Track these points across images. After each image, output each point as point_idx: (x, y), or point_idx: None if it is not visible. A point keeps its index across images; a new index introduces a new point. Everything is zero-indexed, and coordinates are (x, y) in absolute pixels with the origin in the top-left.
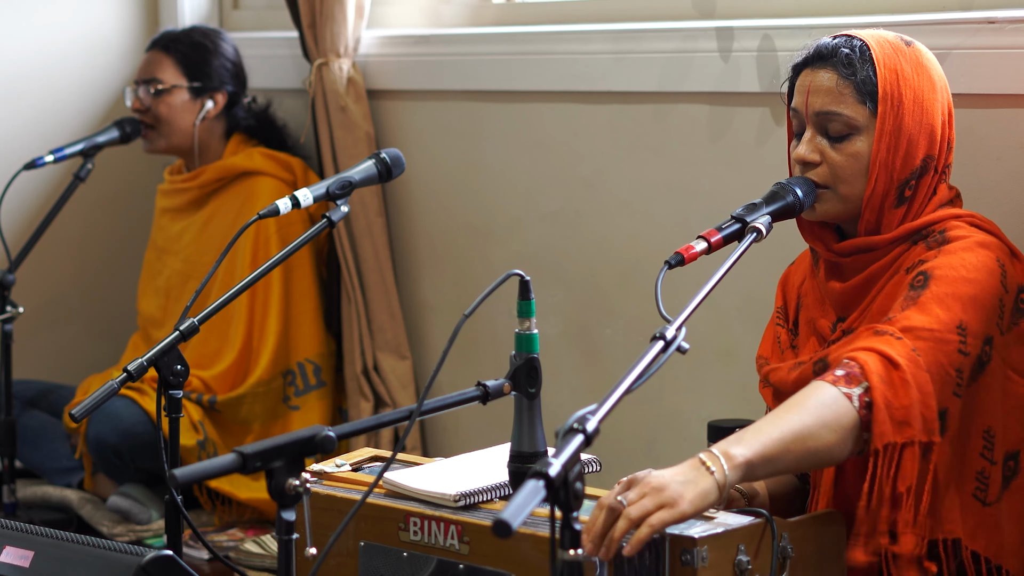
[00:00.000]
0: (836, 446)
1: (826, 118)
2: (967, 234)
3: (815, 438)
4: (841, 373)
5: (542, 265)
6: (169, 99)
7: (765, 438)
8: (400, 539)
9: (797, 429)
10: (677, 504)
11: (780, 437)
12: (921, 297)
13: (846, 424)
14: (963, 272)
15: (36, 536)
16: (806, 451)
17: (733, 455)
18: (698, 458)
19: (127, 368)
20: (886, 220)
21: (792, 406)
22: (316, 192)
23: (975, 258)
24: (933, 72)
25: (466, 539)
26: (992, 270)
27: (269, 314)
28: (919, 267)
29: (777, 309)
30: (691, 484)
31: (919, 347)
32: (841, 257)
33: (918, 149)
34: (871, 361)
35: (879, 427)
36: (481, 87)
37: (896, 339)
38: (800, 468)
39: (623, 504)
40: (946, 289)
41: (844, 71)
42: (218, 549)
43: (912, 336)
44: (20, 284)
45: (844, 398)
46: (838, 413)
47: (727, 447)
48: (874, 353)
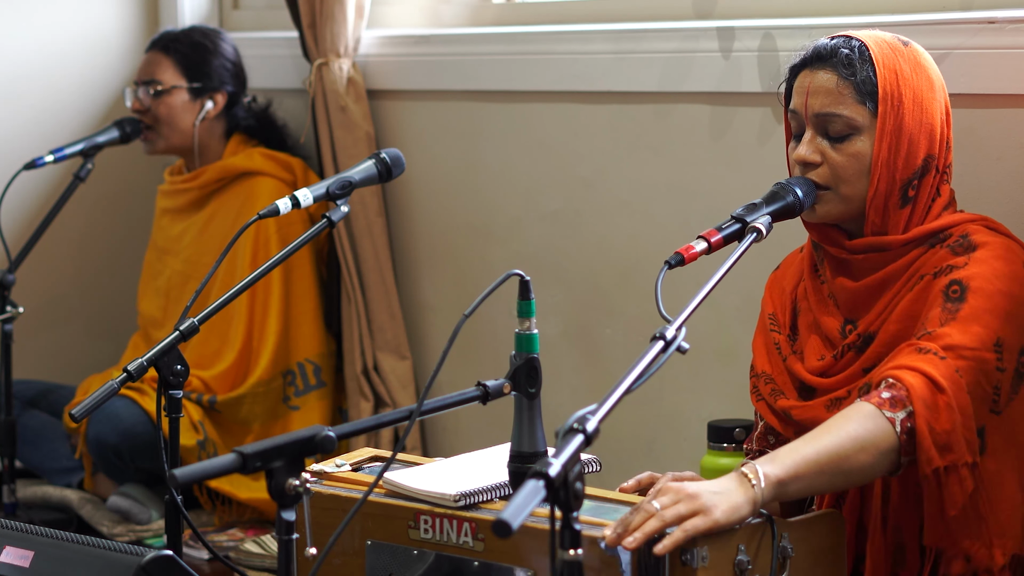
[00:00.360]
0: (871, 468)
1: (826, 119)
2: (992, 239)
3: (850, 460)
4: (887, 396)
5: (542, 265)
6: (169, 100)
7: (799, 458)
8: (410, 537)
9: (834, 451)
10: (711, 512)
11: (815, 458)
12: (961, 311)
13: (884, 448)
14: (998, 284)
15: (36, 536)
16: (839, 472)
17: (766, 473)
18: (740, 472)
19: (127, 368)
20: (892, 221)
21: (832, 427)
22: (316, 192)
23: (1006, 267)
24: (931, 71)
25: (480, 536)
26: (1020, 279)
27: (269, 314)
28: (951, 274)
29: (768, 316)
30: (725, 496)
31: (961, 367)
32: (853, 255)
33: (919, 148)
34: (917, 384)
35: (925, 453)
36: (481, 87)
37: (940, 359)
38: (833, 489)
39: (657, 508)
40: (984, 304)
41: (844, 71)
42: (218, 549)
43: (955, 355)
44: (20, 284)
45: (887, 422)
46: (877, 436)
47: (759, 466)
48: (919, 375)
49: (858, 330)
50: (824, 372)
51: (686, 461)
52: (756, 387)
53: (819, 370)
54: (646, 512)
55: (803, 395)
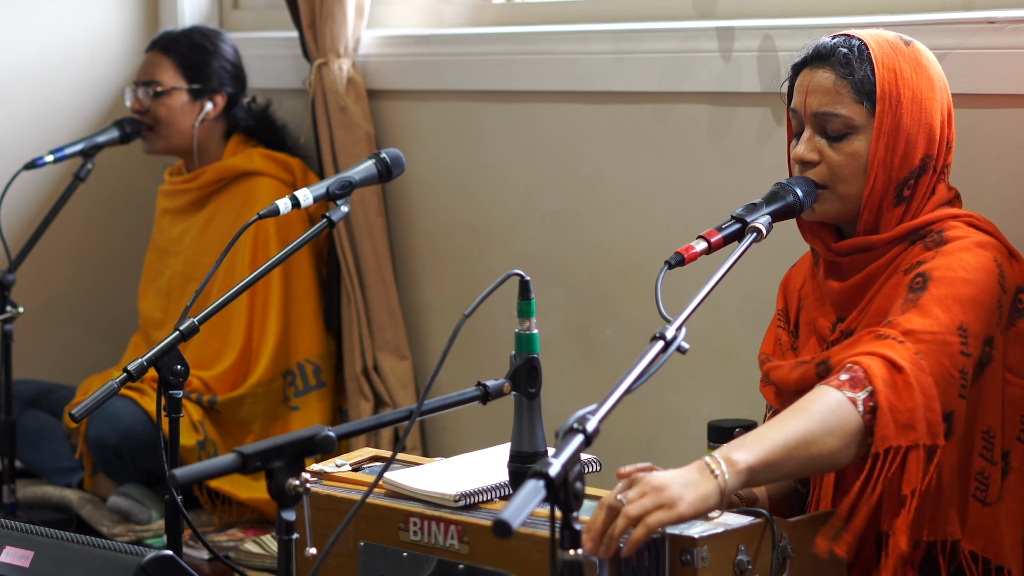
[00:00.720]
0: (840, 451)
1: (824, 118)
2: (964, 234)
3: (818, 444)
4: (845, 377)
5: (542, 265)
6: (168, 101)
7: (768, 443)
8: (400, 539)
9: (801, 435)
10: (676, 505)
11: (783, 443)
12: (921, 299)
13: (850, 430)
14: (961, 273)
15: (36, 536)
16: (809, 457)
17: (735, 460)
18: (703, 461)
19: (127, 368)
20: (884, 220)
21: (796, 411)
22: (316, 192)
23: (973, 258)
24: (932, 71)
25: (466, 539)
26: (990, 270)
27: (269, 315)
28: (917, 268)
29: (778, 311)
30: (692, 486)
31: (921, 350)
32: (840, 256)
33: (916, 149)
34: (875, 365)
35: (881, 431)
36: (481, 87)
37: (899, 343)
38: (803, 473)
39: (622, 503)
40: (945, 291)
41: (842, 71)
42: (218, 549)
43: (914, 339)
44: (20, 284)
45: (849, 403)
46: (842, 418)
47: (729, 452)
48: (877, 357)
49: (841, 327)
50: None
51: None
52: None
53: None
54: (611, 509)
55: None
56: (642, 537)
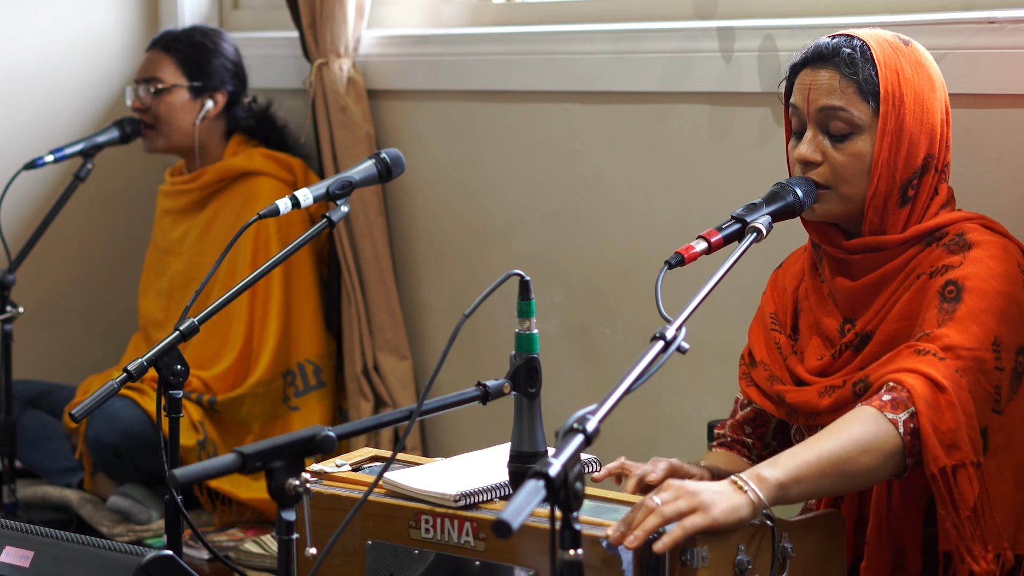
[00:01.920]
0: (874, 471)
1: (829, 113)
2: (988, 238)
3: (852, 463)
4: (887, 398)
5: (542, 265)
6: (169, 99)
7: (800, 461)
8: (411, 537)
9: (836, 454)
10: (710, 510)
11: (817, 462)
12: (957, 311)
13: (888, 450)
14: (993, 284)
15: (36, 536)
16: (842, 475)
17: (764, 476)
18: (731, 479)
19: (127, 368)
20: (891, 220)
21: (834, 431)
22: (316, 192)
23: (1001, 267)
24: (932, 71)
25: (482, 536)
26: (1016, 278)
27: (269, 315)
28: (946, 274)
29: (769, 314)
30: (723, 496)
31: (960, 367)
32: (851, 255)
33: (919, 148)
34: (918, 385)
35: (931, 452)
36: (481, 87)
37: (939, 360)
38: (836, 491)
39: (658, 503)
40: (981, 304)
41: (846, 70)
42: (218, 549)
43: (953, 356)
44: (20, 284)
45: (889, 423)
46: (881, 439)
47: (758, 470)
48: (919, 376)
49: (856, 329)
50: (823, 371)
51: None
52: (748, 374)
53: (818, 369)
54: (647, 508)
55: None
56: (680, 537)
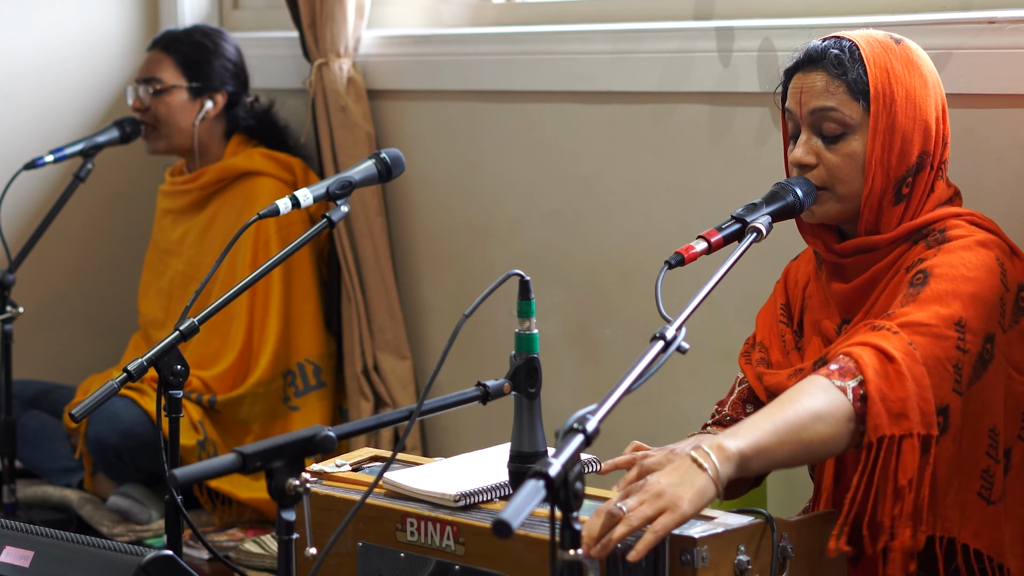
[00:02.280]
0: (831, 439)
1: (821, 115)
2: (967, 233)
3: (809, 430)
4: (835, 367)
5: (542, 265)
6: (168, 99)
7: (758, 431)
8: (397, 539)
9: (791, 421)
10: (678, 506)
11: (773, 429)
12: (920, 294)
13: (840, 416)
14: (963, 271)
15: (36, 536)
16: (800, 443)
17: (726, 447)
18: (689, 456)
19: (127, 368)
20: (885, 219)
21: (786, 400)
22: (316, 192)
23: (975, 257)
24: (924, 68)
25: (462, 540)
26: (992, 268)
27: (269, 315)
28: (918, 265)
29: (780, 304)
30: (687, 484)
31: (916, 342)
32: (843, 258)
33: (913, 146)
34: (865, 355)
35: (873, 420)
36: (481, 87)
37: (893, 333)
38: (797, 461)
39: (622, 511)
40: (945, 286)
41: (835, 71)
42: (218, 549)
43: (909, 331)
44: (20, 284)
45: (838, 391)
46: (832, 406)
47: (720, 440)
48: (869, 347)
49: (847, 327)
50: None
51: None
52: (748, 352)
53: None
54: (610, 515)
55: None
56: (652, 543)
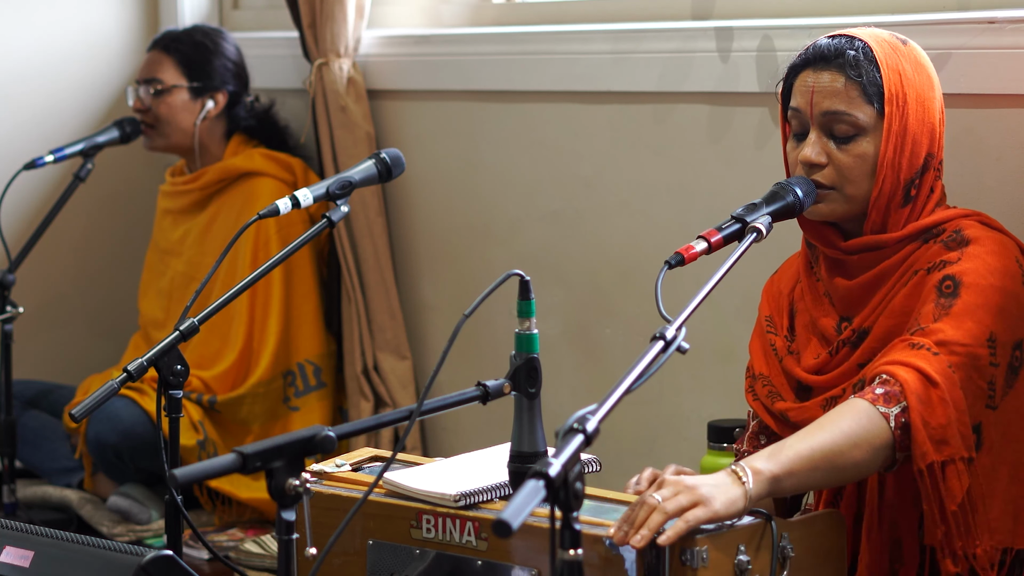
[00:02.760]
0: (865, 464)
1: (834, 118)
2: (985, 234)
3: (844, 456)
4: (880, 392)
5: (542, 265)
6: (169, 99)
7: (793, 454)
8: (412, 536)
9: (828, 447)
10: (710, 503)
11: (809, 455)
12: (954, 307)
13: (878, 444)
14: (991, 279)
15: (36, 536)
16: (834, 468)
17: (760, 469)
18: (730, 469)
19: (127, 368)
20: (893, 219)
21: (826, 424)
22: (316, 192)
23: (999, 262)
24: (930, 69)
25: (484, 535)
26: (1015, 274)
27: (270, 315)
28: (944, 269)
29: (764, 318)
30: (721, 489)
31: (954, 363)
32: (849, 255)
33: (922, 148)
34: (910, 380)
35: (919, 448)
36: (481, 87)
37: (933, 355)
38: (828, 485)
39: (658, 500)
40: (977, 299)
41: (851, 72)
42: (218, 549)
43: (947, 351)
44: (20, 284)
45: (881, 417)
46: (871, 432)
47: (754, 462)
48: (912, 370)
49: (852, 326)
50: (820, 370)
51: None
52: (752, 388)
53: (815, 368)
54: (648, 506)
55: (800, 395)
56: (683, 531)
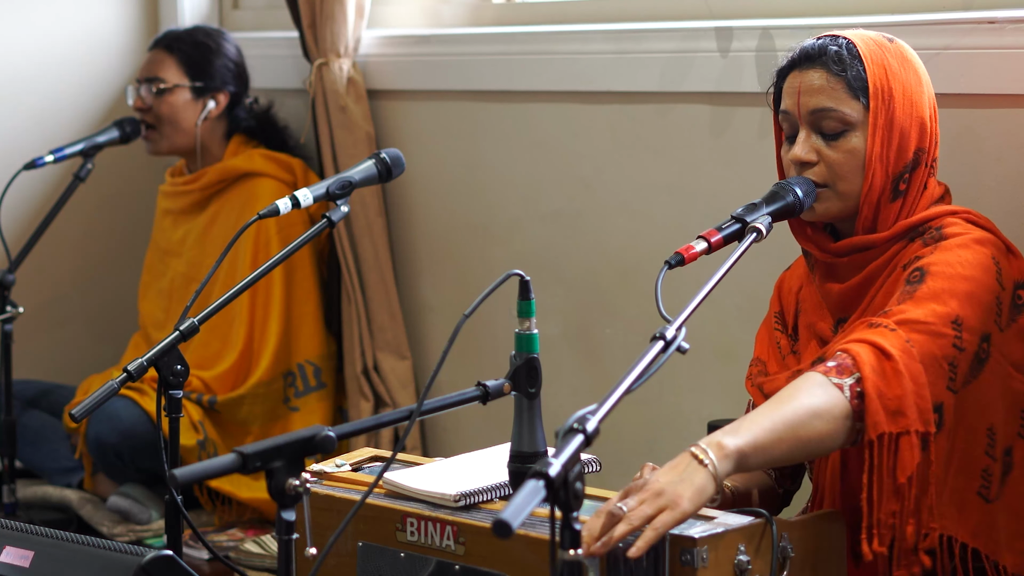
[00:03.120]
0: (828, 436)
1: (821, 115)
2: (963, 231)
3: (806, 427)
4: (832, 364)
5: (542, 265)
6: (171, 99)
7: (756, 428)
8: (397, 539)
9: (789, 418)
10: (678, 504)
11: (771, 427)
12: (917, 292)
13: (837, 414)
14: (959, 269)
15: (36, 536)
16: (798, 440)
17: (724, 444)
18: (689, 452)
19: (127, 368)
20: (883, 216)
21: (783, 397)
22: (316, 192)
23: (971, 255)
24: (917, 66)
25: (462, 540)
26: (988, 267)
27: (270, 315)
28: (915, 263)
29: (774, 313)
30: (687, 482)
31: (913, 339)
32: (838, 258)
33: (910, 142)
34: (863, 352)
35: (872, 417)
36: (481, 87)
37: (890, 331)
38: (794, 458)
39: (623, 510)
40: (942, 284)
41: (834, 68)
42: (218, 549)
43: (907, 328)
44: (20, 284)
45: (835, 388)
46: (829, 403)
47: (718, 437)
48: (866, 344)
49: (844, 327)
50: None
51: None
52: (751, 374)
53: None
54: (611, 515)
55: None
56: (652, 540)
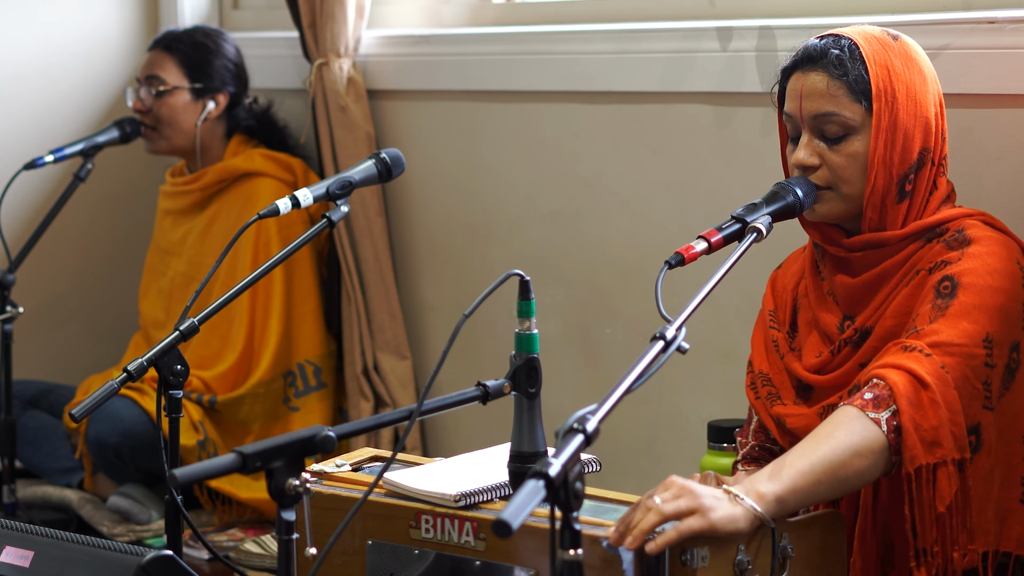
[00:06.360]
0: (866, 472)
1: (822, 120)
2: (987, 234)
3: (846, 467)
4: (869, 396)
5: (542, 265)
6: (171, 100)
7: (795, 472)
8: (411, 537)
9: (828, 459)
10: (708, 514)
11: (811, 470)
12: (950, 308)
13: (876, 449)
14: (990, 280)
15: (36, 536)
16: (837, 480)
17: (763, 493)
18: (726, 489)
19: (127, 368)
20: (890, 216)
21: (822, 436)
22: (316, 192)
23: (999, 263)
24: (923, 64)
25: (482, 535)
26: (1015, 275)
27: (270, 315)
28: (943, 269)
29: (768, 312)
30: (724, 505)
31: (947, 363)
32: (852, 252)
33: (914, 143)
34: (900, 382)
35: (909, 451)
36: (481, 87)
37: (925, 356)
38: (833, 496)
39: (658, 503)
40: (974, 299)
41: (835, 71)
42: (218, 549)
43: (941, 352)
44: (20, 284)
45: (872, 423)
46: (867, 439)
47: (756, 485)
48: (902, 372)
49: (855, 325)
50: (821, 368)
51: (686, 461)
52: (754, 384)
53: (816, 367)
54: (646, 507)
55: (800, 393)
56: (673, 539)
